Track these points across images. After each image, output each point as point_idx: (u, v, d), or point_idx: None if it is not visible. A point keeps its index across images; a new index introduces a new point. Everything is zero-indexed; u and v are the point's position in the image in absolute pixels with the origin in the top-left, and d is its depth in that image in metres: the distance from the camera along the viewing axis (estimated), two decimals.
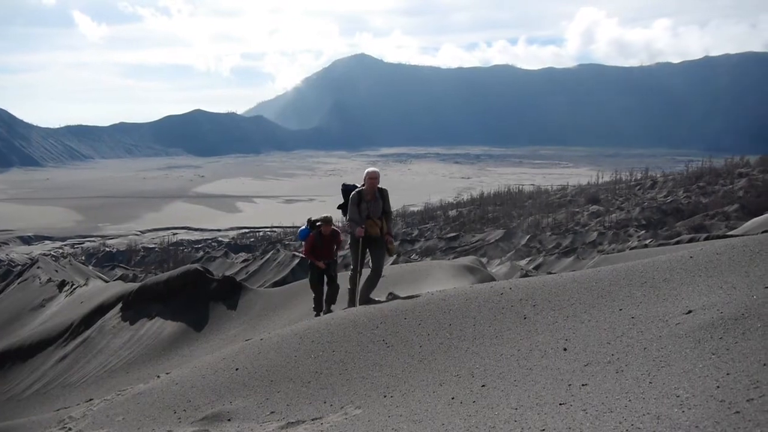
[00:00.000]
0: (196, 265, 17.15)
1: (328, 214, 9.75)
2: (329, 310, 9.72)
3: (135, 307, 16.20)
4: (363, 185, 8.65)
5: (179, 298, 15.45)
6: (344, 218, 9.10)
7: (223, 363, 6.88)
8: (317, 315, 9.79)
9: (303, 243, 9.98)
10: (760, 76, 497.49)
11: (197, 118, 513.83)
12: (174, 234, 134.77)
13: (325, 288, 9.94)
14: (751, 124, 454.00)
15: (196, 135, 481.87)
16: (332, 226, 9.75)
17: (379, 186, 8.62)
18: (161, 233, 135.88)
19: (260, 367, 6.35)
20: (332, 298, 9.96)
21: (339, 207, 9.14)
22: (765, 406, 2.84)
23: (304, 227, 10.00)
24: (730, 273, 4.99)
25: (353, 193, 8.61)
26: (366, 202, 8.53)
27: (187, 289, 15.56)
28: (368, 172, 8.62)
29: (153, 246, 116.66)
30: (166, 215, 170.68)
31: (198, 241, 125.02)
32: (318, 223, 9.81)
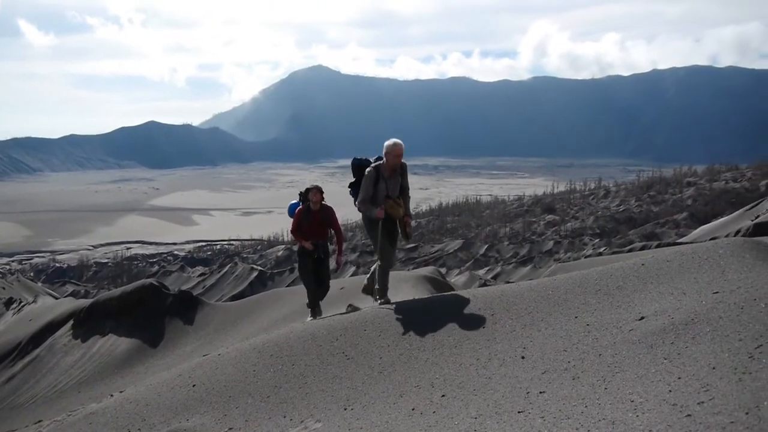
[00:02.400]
0: (150, 280, 16.77)
1: (318, 183, 8.41)
2: (318, 310, 8.50)
3: (87, 324, 15.72)
4: (377, 159, 7.47)
5: (133, 314, 15.07)
6: (353, 199, 7.75)
7: (179, 379, 6.73)
8: (313, 314, 8.54)
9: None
10: (705, 89, 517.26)
11: (151, 129, 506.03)
12: (128, 248, 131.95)
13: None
14: (697, 135, 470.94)
15: (151, 147, 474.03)
16: (323, 199, 8.30)
17: None
18: (114, 248, 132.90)
19: (218, 382, 6.23)
20: (320, 294, 8.63)
21: (350, 186, 7.79)
22: (715, 408, 2.92)
23: (294, 201, 8.65)
24: (680, 279, 5.13)
25: (369, 168, 7.33)
26: (385, 179, 7.32)
27: (142, 305, 15.19)
28: (392, 148, 7.27)
29: (106, 261, 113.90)
30: (119, 229, 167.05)
31: (153, 255, 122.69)
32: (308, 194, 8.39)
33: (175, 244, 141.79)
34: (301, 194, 8.48)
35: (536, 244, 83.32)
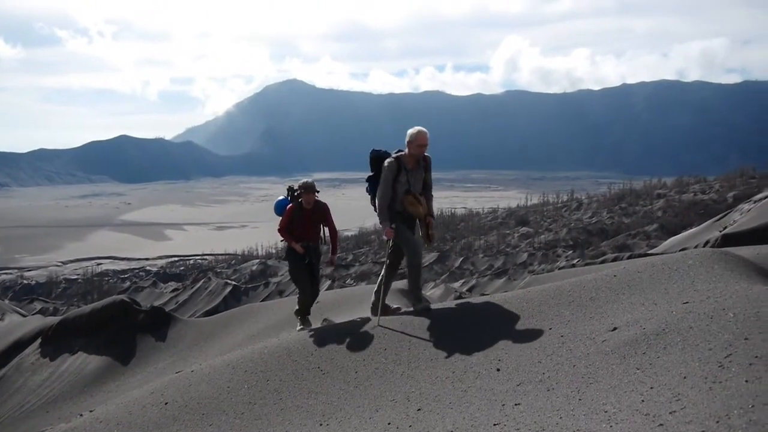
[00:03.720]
0: (122, 296, 16.49)
1: (310, 180, 7.54)
2: (305, 323, 7.63)
3: (56, 342, 15.38)
4: (398, 152, 6.69)
5: (104, 331, 14.78)
6: (369, 196, 6.91)
7: (151, 397, 6.61)
8: (303, 322, 7.67)
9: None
10: (673, 102, 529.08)
11: (123, 143, 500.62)
12: (98, 264, 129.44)
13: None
14: (666, 148, 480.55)
15: (122, 161, 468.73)
16: (316, 196, 7.48)
17: None
18: (85, 264, 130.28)
19: (191, 400, 6.13)
20: (303, 305, 7.79)
21: (368, 180, 6.92)
22: (686, 417, 2.95)
23: (282, 197, 7.75)
24: (651, 290, 5.21)
25: (390, 160, 6.52)
26: (407, 171, 6.53)
27: (113, 322, 14.92)
28: (416, 136, 6.49)
29: (75, 277, 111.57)
30: (89, 245, 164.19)
31: (124, 271, 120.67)
32: (298, 192, 7.53)
33: (147, 259, 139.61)
34: (289, 189, 7.68)
35: (511, 257, 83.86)
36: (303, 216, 7.44)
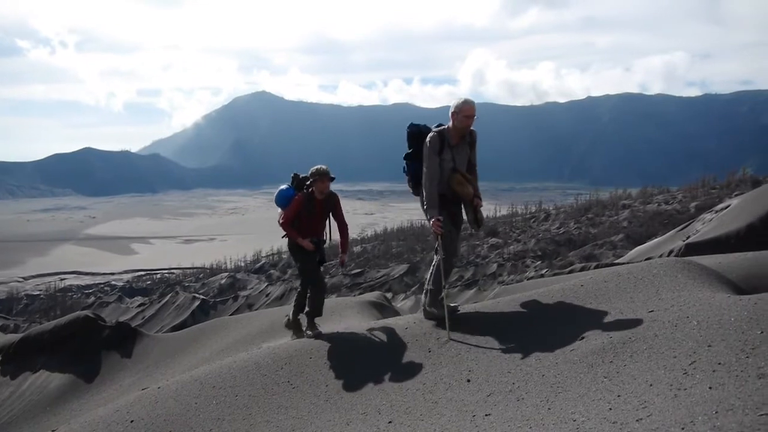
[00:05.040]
0: (86, 312, 16.12)
1: (323, 166, 6.61)
2: (313, 329, 6.81)
3: (16, 360, 14.96)
4: (438, 126, 5.94)
5: (67, 348, 14.42)
6: (406, 178, 6.30)
7: (116, 415, 6.46)
8: (312, 328, 6.86)
9: (281, 211, 6.74)
10: (637, 115, 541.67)
11: (87, 156, 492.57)
12: (62, 279, 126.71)
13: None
14: (630, 159, 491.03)
15: (87, 174, 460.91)
16: (329, 185, 6.63)
17: None
18: (47, 279, 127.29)
19: (158, 417, 6.01)
20: (316, 306, 6.88)
21: (405, 157, 6.20)
22: (653, 425, 2.99)
23: (285, 186, 6.82)
24: (617, 299, 5.28)
25: (432, 134, 5.79)
26: (451, 147, 5.81)
27: (76, 338, 14.58)
28: (463, 106, 5.73)
29: (38, 293, 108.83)
30: (53, 259, 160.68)
31: (89, 286, 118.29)
32: (309, 180, 6.63)
33: (112, 274, 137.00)
34: (295, 177, 6.86)
35: (480, 267, 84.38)
36: (313, 207, 6.63)
